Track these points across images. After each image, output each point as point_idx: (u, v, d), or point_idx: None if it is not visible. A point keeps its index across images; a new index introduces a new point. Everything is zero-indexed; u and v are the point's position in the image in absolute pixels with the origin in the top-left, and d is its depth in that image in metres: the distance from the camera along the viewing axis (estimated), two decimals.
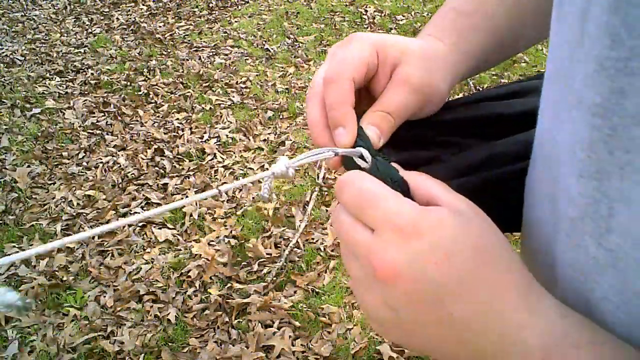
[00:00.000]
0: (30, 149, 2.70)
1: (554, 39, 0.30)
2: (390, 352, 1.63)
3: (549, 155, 0.31)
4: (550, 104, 0.31)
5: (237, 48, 3.62)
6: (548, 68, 0.32)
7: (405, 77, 0.38)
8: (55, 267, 2.00)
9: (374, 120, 0.37)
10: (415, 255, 0.27)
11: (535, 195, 0.34)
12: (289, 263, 1.98)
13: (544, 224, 0.32)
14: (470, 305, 0.28)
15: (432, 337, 0.29)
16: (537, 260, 0.34)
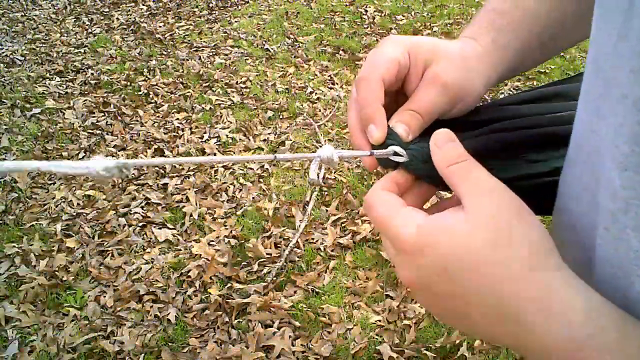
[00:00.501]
0: (30, 149, 2.70)
1: (596, 36, 0.30)
2: (390, 352, 1.63)
3: (589, 149, 0.31)
4: (591, 99, 0.31)
5: (237, 48, 3.62)
6: (590, 64, 0.32)
7: (436, 76, 0.38)
8: (55, 267, 2.00)
9: (403, 118, 0.38)
10: (420, 271, 0.31)
11: (572, 188, 0.34)
12: (289, 263, 1.98)
13: (581, 217, 0.32)
14: (479, 310, 0.30)
15: (460, 326, 0.34)
16: (571, 254, 0.34)
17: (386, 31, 3.72)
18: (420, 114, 0.38)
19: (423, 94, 0.39)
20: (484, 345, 1.64)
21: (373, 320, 1.75)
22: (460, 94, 0.39)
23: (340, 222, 2.15)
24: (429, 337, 1.69)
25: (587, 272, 0.32)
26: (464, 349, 1.62)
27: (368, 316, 1.77)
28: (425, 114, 0.38)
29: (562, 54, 3.36)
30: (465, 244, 0.29)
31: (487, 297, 0.29)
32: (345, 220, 2.15)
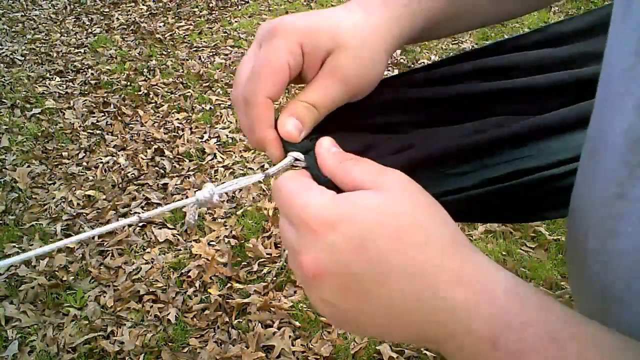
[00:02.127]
0: (30, 149, 2.70)
1: (616, 31, 0.30)
2: (390, 352, 1.63)
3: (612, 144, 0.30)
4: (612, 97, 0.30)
5: (237, 48, 3.62)
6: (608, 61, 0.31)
7: (335, 68, 0.36)
8: (55, 267, 2.00)
9: (296, 111, 0.35)
10: (331, 248, 0.27)
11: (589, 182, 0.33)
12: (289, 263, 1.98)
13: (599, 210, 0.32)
14: (397, 290, 0.27)
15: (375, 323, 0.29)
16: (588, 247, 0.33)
17: None
18: (316, 106, 0.35)
19: (320, 85, 0.36)
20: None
21: None
22: (360, 86, 0.37)
23: None
24: None
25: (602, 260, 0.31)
26: None
27: None
28: (321, 107, 0.36)
29: None
30: (383, 217, 0.27)
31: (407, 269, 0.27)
32: None
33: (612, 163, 0.30)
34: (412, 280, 0.27)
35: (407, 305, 0.27)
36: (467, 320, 0.26)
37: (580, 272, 0.37)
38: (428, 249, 0.27)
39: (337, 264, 0.27)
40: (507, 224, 2.03)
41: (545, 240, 2.00)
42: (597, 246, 0.32)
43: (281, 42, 0.35)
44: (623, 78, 0.28)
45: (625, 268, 0.30)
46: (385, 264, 0.27)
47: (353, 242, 0.27)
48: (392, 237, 0.27)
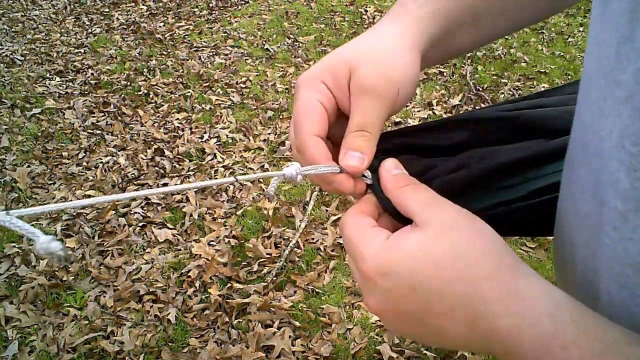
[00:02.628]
0: (30, 149, 2.70)
1: (596, 37, 0.30)
2: (390, 352, 1.63)
3: (592, 150, 0.31)
4: (593, 100, 0.31)
5: (237, 48, 3.62)
6: (588, 66, 0.32)
7: (359, 86, 0.37)
8: (55, 267, 2.00)
9: (350, 144, 0.37)
10: (386, 294, 0.32)
11: (575, 189, 0.34)
12: (289, 263, 1.98)
13: (586, 218, 0.32)
14: (451, 320, 0.30)
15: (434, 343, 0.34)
16: (577, 253, 0.34)
17: None
18: (363, 129, 0.37)
19: (357, 108, 0.37)
20: None
21: (373, 320, 1.75)
22: (392, 88, 0.37)
23: None
24: None
25: (592, 270, 0.32)
26: None
27: (368, 316, 1.77)
28: (370, 127, 0.37)
29: (561, 54, 3.36)
30: (425, 260, 0.30)
31: (453, 304, 0.30)
32: None
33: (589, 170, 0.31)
34: (458, 313, 0.30)
35: (459, 333, 0.31)
36: (513, 347, 0.28)
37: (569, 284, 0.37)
38: (468, 284, 0.30)
39: (393, 306, 0.32)
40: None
41: (545, 240, 2.00)
42: (584, 258, 0.33)
43: (305, 89, 0.38)
44: (604, 81, 0.29)
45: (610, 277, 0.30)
46: (431, 303, 0.31)
47: (403, 287, 0.31)
48: (433, 277, 0.30)
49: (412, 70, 0.38)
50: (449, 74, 3.17)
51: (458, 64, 3.27)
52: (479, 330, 0.30)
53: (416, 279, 0.30)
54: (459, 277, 0.30)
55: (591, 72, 0.31)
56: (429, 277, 0.30)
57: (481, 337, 0.30)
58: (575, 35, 3.62)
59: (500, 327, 0.29)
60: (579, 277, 0.34)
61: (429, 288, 0.30)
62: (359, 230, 0.34)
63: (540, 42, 3.53)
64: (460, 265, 0.30)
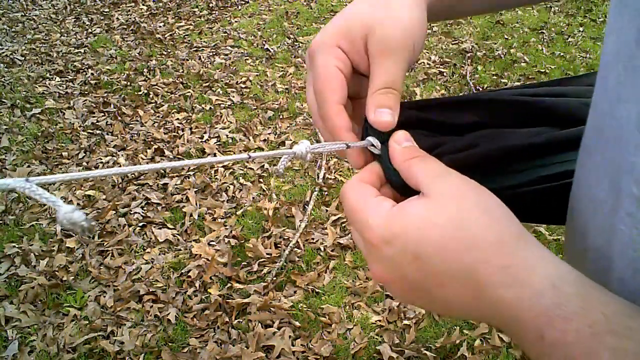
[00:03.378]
0: (30, 149, 2.70)
1: (615, 24, 0.30)
2: (390, 352, 1.63)
3: (609, 135, 0.31)
4: (611, 85, 0.31)
5: (237, 48, 3.62)
6: (606, 52, 0.32)
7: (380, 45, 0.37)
8: (55, 267, 2.00)
9: (380, 102, 0.38)
10: (390, 261, 0.32)
11: (591, 175, 0.34)
12: (289, 263, 1.98)
13: (602, 204, 0.32)
14: (455, 290, 0.30)
15: (439, 310, 0.34)
16: (590, 239, 0.34)
17: None
18: (391, 87, 0.38)
19: (380, 67, 0.38)
20: (484, 345, 1.65)
21: (373, 320, 1.75)
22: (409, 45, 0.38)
23: (340, 222, 2.15)
24: (429, 337, 1.69)
25: (605, 256, 0.32)
26: (464, 349, 1.62)
27: (368, 316, 1.77)
28: (395, 84, 0.38)
29: (561, 54, 3.36)
30: (430, 227, 0.30)
31: (458, 273, 0.30)
32: (345, 220, 2.15)
33: (606, 156, 0.31)
34: (463, 282, 0.30)
35: (463, 303, 0.31)
36: (516, 316, 0.29)
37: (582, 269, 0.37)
38: (473, 252, 0.30)
39: (398, 273, 0.32)
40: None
41: (545, 241, 2.00)
42: (597, 244, 0.33)
43: (322, 55, 0.38)
44: (623, 67, 0.29)
45: (623, 262, 0.30)
46: (436, 271, 0.31)
47: (407, 255, 0.31)
48: (438, 245, 0.30)
49: (421, 24, 0.39)
50: (449, 74, 3.17)
51: (458, 64, 3.27)
52: (482, 300, 0.30)
53: (421, 247, 0.30)
54: (463, 246, 0.30)
55: (609, 59, 0.31)
56: (433, 245, 0.30)
57: (484, 307, 0.30)
58: (575, 35, 3.62)
59: (503, 298, 0.29)
60: (591, 264, 0.34)
61: (434, 256, 0.30)
62: (362, 199, 0.34)
63: (540, 42, 3.53)
64: (465, 235, 0.30)
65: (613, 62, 0.30)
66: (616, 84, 0.30)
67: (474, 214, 0.31)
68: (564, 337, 0.27)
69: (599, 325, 0.26)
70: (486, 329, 1.69)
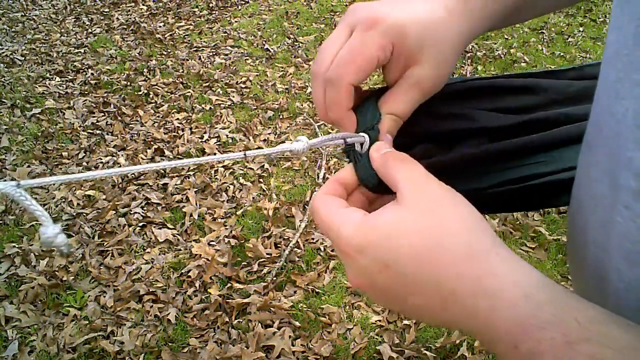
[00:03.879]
0: (30, 149, 2.70)
1: (616, 20, 0.31)
2: (390, 352, 1.63)
3: (608, 132, 0.31)
4: (611, 82, 0.31)
5: (237, 48, 3.62)
6: (608, 49, 0.32)
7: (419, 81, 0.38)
8: (55, 267, 2.00)
9: (388, 128, 0.39)
10: (363, 270, 0.32)
11: (592, 171, 0.34)
12: (289, 263, 1.98)
13: (602, 199, 0.33)
14: (423, 298, 0.31)
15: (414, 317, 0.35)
16: (590, 235, 0.35)
17: None
18: (400, 117, 0.39)
19: (403, 96, 0.38)
20: (484, 345, 1.64)
21: (373, 320, 1.75)
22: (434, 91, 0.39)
23: None
24: (429, 337, 1.69)
25: (604, 249, 0.33)
26: (464, 349, 1.62)
27: (368, 316, 1.77)
28: (404, 116, 0.39)
29: (561, 54, 3.36)
30: (401, 236, 0.31)
31: (428, 283, 0.30)
32: None
33: (606, 152, 0.31)
34: (433, 291, 0.30)
35: (434, 311, 0.31)
36: (490, 326, 0.29)
37: (580, 265, 0.38)
38: (445, 263, 0.30)
39: (371, 281, 0.32)
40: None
41: (545, 240, 2.00)
42: (597, 238, 0.33)
43: (376, 36, 0.36)
44: (622, 64, 0.29)
45: (620, 255, 0.30)
46: (405, 280, 0.31)
47: (379, 264, 0.31)
48: (408, 254, 0.30)
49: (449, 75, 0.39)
50: None
51: (458, 64, 3.27)
52: (453, 310, 0.30)
53: (391, 257, 0.31)
54: (434, 256, 0.30)
55: (610, 56, 0.31)
56: (403, 254, 0.30)
57: (456, 316, 0.30)
58: (575, 35, 3.62)
59: (476, 308, 0.29)
60: (590, 258, 0.35)
61: (403, 265, 0.30)
62: (332, 211, 0.34)
63: (540, 42, 3.53)
64: (436, 244, 0.30)
65: (613, 59, 0.31)
66: (615, 81, 0.30)
67: (447, 224, 0.31)
68: (538, 346, 0.27)
69: (573, 333, 0.26)
70: None
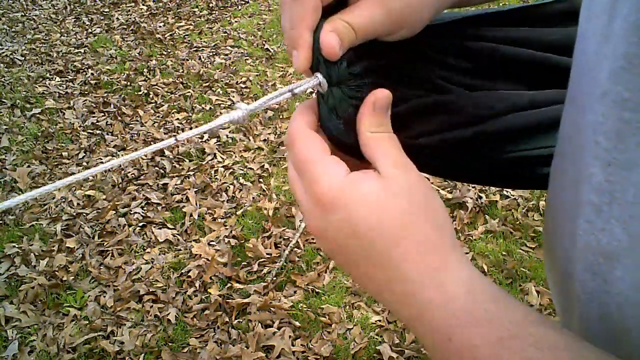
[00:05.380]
0: (30, 149, 2.70)
1: (583, 32, 0.31)
2: (390, 352, 1.63)
3: (575, 144, 0.32)
4: (578, 96, 0.31)
5: (237, 48, 3.62)
6: (576, 59, 0.32)
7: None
8: (55, 267, 2.00)
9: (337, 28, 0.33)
10: (330, 224, 0.32)
11: (562, 179, 0.35)
12: (289, 263, 1.98)
13: (568, 210, 0.33)
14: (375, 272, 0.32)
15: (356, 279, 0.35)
16: (561, 239, 0.35)
17: None
18: (355, 29, 0.33)
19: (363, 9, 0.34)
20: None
21: (373, 320, 1.75)
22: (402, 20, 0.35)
23: None
24: None
25: (569, 257, 0.33)
26: None
27: (368, 316, 1.77)
28: (360, 31, 0.34)
29: None
30: (378, 211, 0.31)
31: (385, 261, 0.31)
32: None
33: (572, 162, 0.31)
34: (387, 272, 0.31)
35: (380, 288, 0.32)
36: (429, 317, 0.30)
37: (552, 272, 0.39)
38: (408, 246, 0.31)
39: (333, 237, 0.32)
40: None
41: None
42: (564, 245, 0.34)
43: None
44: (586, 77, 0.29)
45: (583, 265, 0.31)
46: (367, 253, 0.31)
47: (347, 226, 0.31)
48: (378, 229, 0.31)
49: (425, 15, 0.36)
50: None
51: None
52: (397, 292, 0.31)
53: (361, 226, 0.31)
54: (401, 238, 0.31)
55: (578, 67, 0.32)
56: (372, 229, 0.31)
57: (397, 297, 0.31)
58: None
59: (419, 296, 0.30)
60: (558, 263, 0.35)
61: (369, 238, 0.31)
62: (318, 153, 0.33)
63: None
64: (402, 228, 0.31)
65: (581, 71, 0.31)
66: (581, 95, 0.30)
67: (422, 213, 0.32)
68: (471, 340, 0.28)
69: (504, 331, 0.28)
70: None
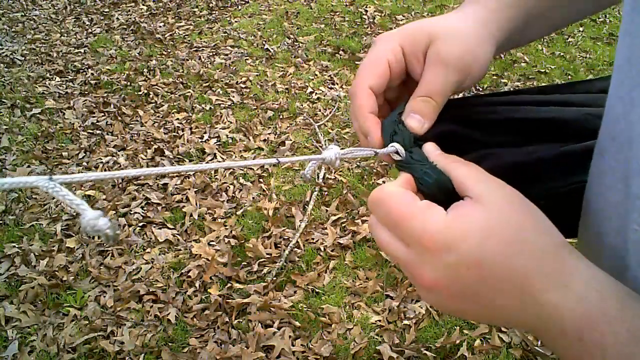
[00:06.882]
0: (30, 149, 2.70)
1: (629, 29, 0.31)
2: (390, 352, 1.63)
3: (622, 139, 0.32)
4: (625, 89, 0.31)
5: (237, 48, 3.62)
6: (621, 57, 0.32)
7: (437, 55, 0.38)
8: (55, 267, 2.00)
9: (415, 107, 0.39)
10: (448, 268, 0.31)
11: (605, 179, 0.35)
12: (289, 263, 1.98)
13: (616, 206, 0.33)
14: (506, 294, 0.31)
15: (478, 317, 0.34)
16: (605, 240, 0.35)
17: (386, 31, 3.72)
18: (432, 97, 0.39)
19: (430, 76, 0.39)
20: (484, 345, 1.64)
21: (373, 320, 1.75)
22: (466, 66, 0.39)
23: (340, 222, 2.15)
24: (429, 337, 1.69)
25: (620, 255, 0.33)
26: (464, 349, 1.62)
27: (368, 316, 1.77)
28: (437, 96, 0.39)
29: (561, 54, 3.36)
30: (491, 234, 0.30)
31: (513, 278, 0.30)
32: (345, 220, 2.15)
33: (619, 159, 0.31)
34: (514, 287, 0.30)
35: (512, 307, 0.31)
36: (558, 317, 0.29)
37: None
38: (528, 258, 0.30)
39: (453, 279, 0.31)
40: None
41: None
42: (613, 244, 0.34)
43: (381, 45, 0.40)
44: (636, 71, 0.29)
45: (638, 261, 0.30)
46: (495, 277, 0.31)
47: (468, 261, 0.30)
48: (497, 251, 0.30)
49: (486, 56, 0.40)
50: None
51: None
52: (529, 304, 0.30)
53: (483, 253, 0.30)
54: (520, 252, 0.30)
55: (623, 63, 0.31)
56: (494, 252, 0.30)
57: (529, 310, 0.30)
58: (575, 35, 3.62)
59: (549, 300, 0.29)
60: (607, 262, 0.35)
61: (493, 262, 0.30)
62: (412, 205, 0.33)
63: (540, 42, 3.53)
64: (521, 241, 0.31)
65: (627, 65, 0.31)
66: (630, 89, 0.30)
67: (528, 222, 0.32)
68: (603, 339, 0.28)
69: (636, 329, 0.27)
70: (486, 329, 1.69)
